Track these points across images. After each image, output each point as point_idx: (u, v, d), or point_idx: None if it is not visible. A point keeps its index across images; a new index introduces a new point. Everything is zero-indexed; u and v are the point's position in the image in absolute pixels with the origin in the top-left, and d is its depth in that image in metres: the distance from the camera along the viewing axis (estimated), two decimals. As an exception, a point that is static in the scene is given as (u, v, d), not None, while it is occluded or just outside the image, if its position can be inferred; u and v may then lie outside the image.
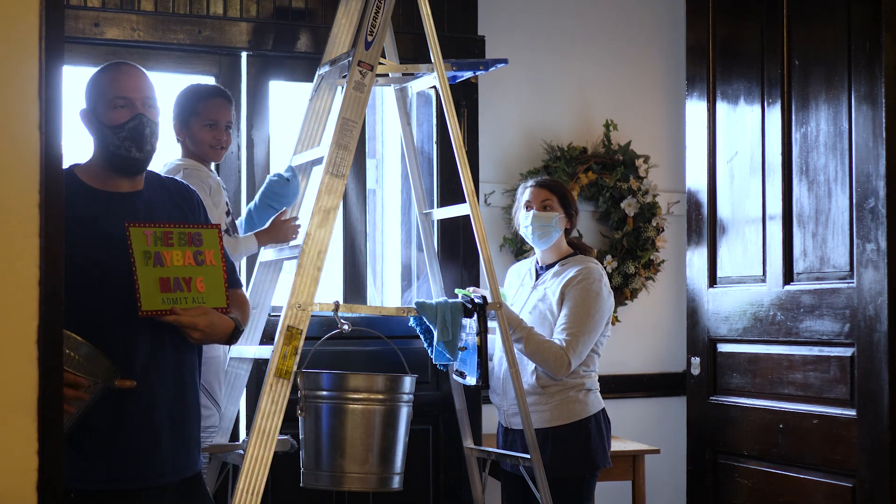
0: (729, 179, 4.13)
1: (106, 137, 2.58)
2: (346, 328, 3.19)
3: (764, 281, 3.92)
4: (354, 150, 3.27)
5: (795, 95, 3.81)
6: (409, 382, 3.20)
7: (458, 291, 3.55)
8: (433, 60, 3.48)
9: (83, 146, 2.70)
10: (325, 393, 3.12)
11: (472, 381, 3.48)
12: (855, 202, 3.52)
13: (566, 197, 3.72)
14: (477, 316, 3.42)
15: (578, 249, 3.75)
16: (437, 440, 4.19)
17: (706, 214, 4.21)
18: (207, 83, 3.65)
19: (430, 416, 4.14)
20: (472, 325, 3.44)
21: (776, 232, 3.86)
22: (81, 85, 2.70)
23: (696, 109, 4.28)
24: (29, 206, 1.45)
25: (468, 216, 3.50)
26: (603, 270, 3.67)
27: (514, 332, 3.50)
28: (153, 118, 2.61)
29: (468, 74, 3.72)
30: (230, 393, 3.47)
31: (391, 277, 4.46)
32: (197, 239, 2.59)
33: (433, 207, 4.09)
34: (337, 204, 3.22)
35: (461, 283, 4.19)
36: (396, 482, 3.18)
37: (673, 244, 4.85)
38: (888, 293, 3.39)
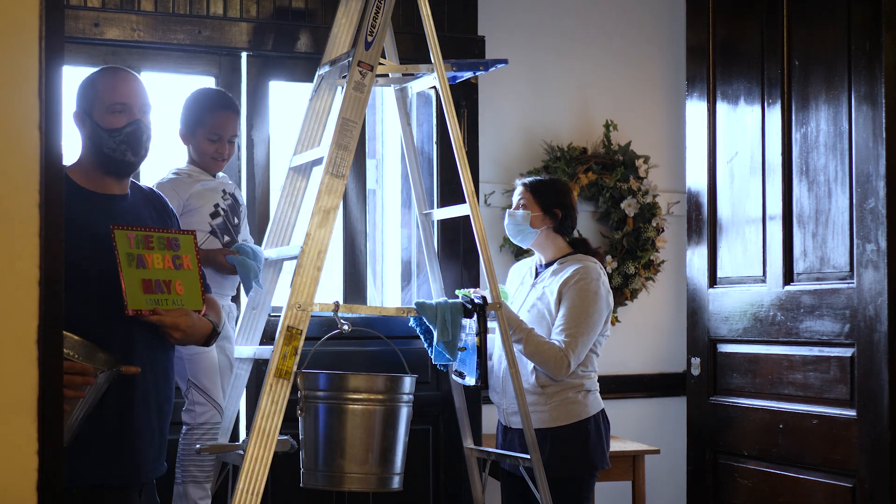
0: (729, 179, 4.13)
1: (102, 140, 2.64)
2: (346, 328, 3.18)
3: (764, 281, 3.92)
4: (354, 150, 3.27)
5: (795, 95, 3.81)
6: (409, 382, 3.20)
7: (458, 293, 3.54)
8: (433, 60, 3.48)
9: (70, 147, 2.73)
10: (325, 393, 3.12)
11: (471, 381, 3.48)
12: (855, 202, 3.52)
13: (546, 194, 3.67)
14: (477, 316, 3.42)
15: (579, 248, 3.74)
16: (437, 440, 4.18)
17: (706, 215, 4.20)
18: (216, 90, 3.64)
19: (430, 416, 4.14)
20: (471, 325, 3.44)
21: (776, 232, 3.86)
22: (76, 86, 2.73)
23: (696, 109, 4.28)
24: (29, 206, 1.45)
25: (468, 216, 3.50)
26: (601, 269, 3.65)
27: (514, 332, 3.49)
28: (148, 123, 2.71)
29: (468, 74, 3.72)
30: (230, 393, 3.47)
31: (391, 277, 4.46)
32: (175, 244, 2.71)
33: (433, 207, 4.09)
34: (337, 204, 3.21)
35: (461, 283, 4.19)
36: (396, 482, 3.18)
37: (673, 244, 4.85)
38: (888, 293, 3.39)
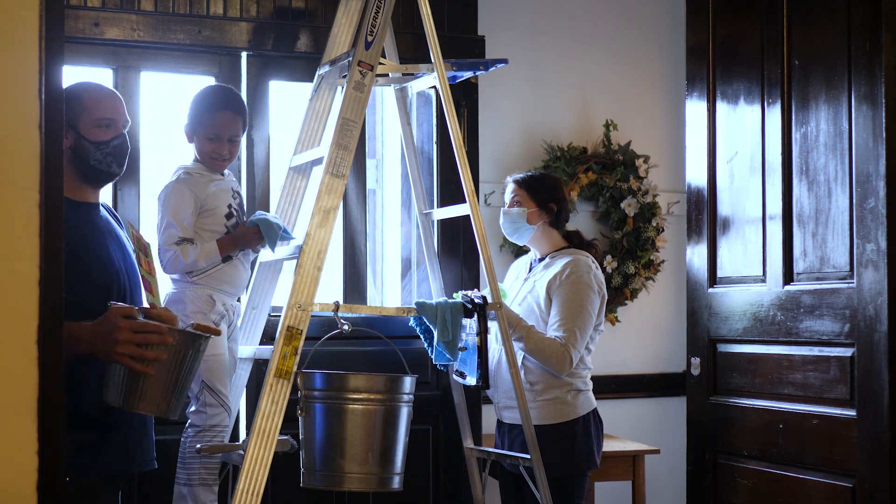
0: (729, 179, 4.13)
1: (88, 152, 2.74)
2: (346, 328, 3.18)
3: (764, 281, 3.92)
4: (354, 150, 3.27)
5: (795, 95, 3.80)
6: (409, 382, 3.20)
7: (455, 296, 3.54)
8: (433, 60, 3.48)
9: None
10: (325, 393, 3.12)
11: (472, 381, 3.47)
12: (855, 202, 3.52)
13: (540, 189, 3.68)
14: (477, 316, 3.42)
15: (574, 241, 3.74)
16: (437, 440, 4.18)
17: (706, 214, 4.20)
18: (222, 89, 3.58)
19: (430, 416, 4.14)
20: (472, 325, 3.44)
21: (776, 232, 3.86)
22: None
23: (695, 109, 4.28)
24: (29, 206, 1.45)
25: (468, 216, 3.50)
26: (593, 261, 3.65)
27: (514, 330, 3.49)
28: (127, 137, 2.84)
29: (468, 74, 3.72)
30: (231, 393, 3.46)
31: (391, 277, 4.46)
32: (147, 250, 2.86)
33: (433, 207, 4.09)
34: (337, 204, 3.21)
35: (461, 282, 4.19)
36: (396, 482, 3.18)
37: (673, 244, 4.85)
38: (888, 293, 3.39)
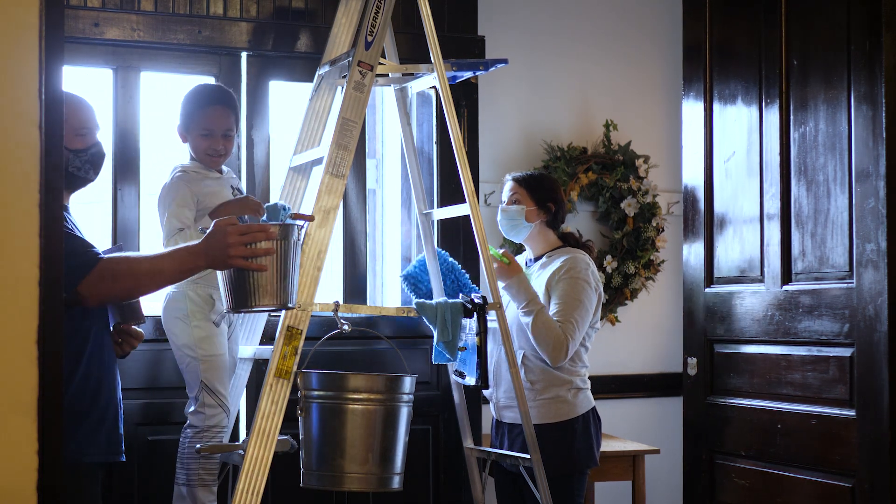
0: (726, 179, 4.13)
1: (66, 160, 2.83)
2: (346, 328, 3.18)
3: (762, 281, 3.92)
4: (354, 150, 3.27)
5: (794, 95, 3.80)
6: (409, 382, 3.20)
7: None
8: (433, 60, 3.48)
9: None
10: (325, 393, 3.12)
11: (471, 381, 3.47)
12: (855, 202, 3.51)
13: (539, 188, 3.68)
14: (477, 316, 3.42)
15: (569, 242, 3.74)
16: (437, 440, 4.18)
17: (703, 214, 4.20)
18: (211, 86, 3.60)
19: (430, 416, 4.14)
20: (471, 325, 3.44)
21: (774, 232, 3.86)
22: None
23: (692, 109, 4.28)
24: (29, 206, 1.46)
25: (468, 216, 3.50)
26: (590, 261, 3.65)
27: (527, 304, 3.48)
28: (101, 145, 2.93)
29: (468, 74, 3.72)
30: (231, 393, 3.46)
31: (391, 277, 4.46)
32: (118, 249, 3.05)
33: (433, 207, 4.09)
34: (337, 204, 3.21)
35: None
36: (396, 482, 3.18)
37: (673, 244, 4.85)
38: (888, 293, 3.39)
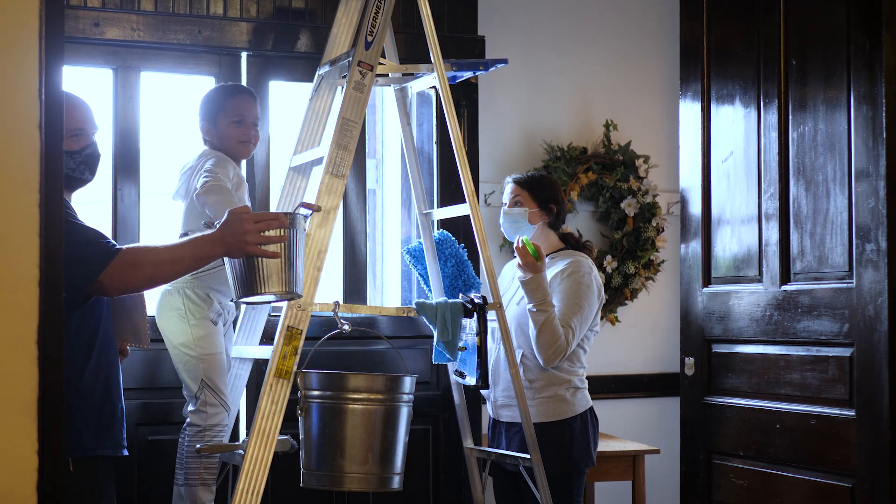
0: (724, 179, 4.12)
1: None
2: (346, 328, 3.19)
3: (760, 281, 3.91)
4: (354, 150, 3.27)
5: (793, 95, 3.80)
6: (409, 382, 3.20)
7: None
8: (433, 60, 3.48)
9: None
10: (325, 393, 3.12)
11: (471, 381, 3.47)
12: (854, 202, 3.51)
13: (541, 190, 3.68)
14: (477, 316, 3.42)
15: (570, 244, 3.74)
16: (437, 440, 4.18)
17: (700, 214, 4.20)
18: (232, 83, 3.66)
19: (430, 416, 4.14)
20: (472, 325, 3.44)
21: (773, 232, 3.85)
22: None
23: (689, 109, 4.28)
24: (29, 206, 1.46)
25: (468, 216, 3.50)
26: (592, 264, 3.65)
27: (540, 303, 3.46)
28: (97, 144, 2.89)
29: (468, 74, 3.72)
30: (230, 393, 3.47)
31: (391, 277, 4.46)
32: None
33: (433, 207, 4.09)
34: (337, 204, 3.22)
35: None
36: (396, 482, 3.18)
37: (673, 244, 4.85)
38: (888, 293, 3.39)
